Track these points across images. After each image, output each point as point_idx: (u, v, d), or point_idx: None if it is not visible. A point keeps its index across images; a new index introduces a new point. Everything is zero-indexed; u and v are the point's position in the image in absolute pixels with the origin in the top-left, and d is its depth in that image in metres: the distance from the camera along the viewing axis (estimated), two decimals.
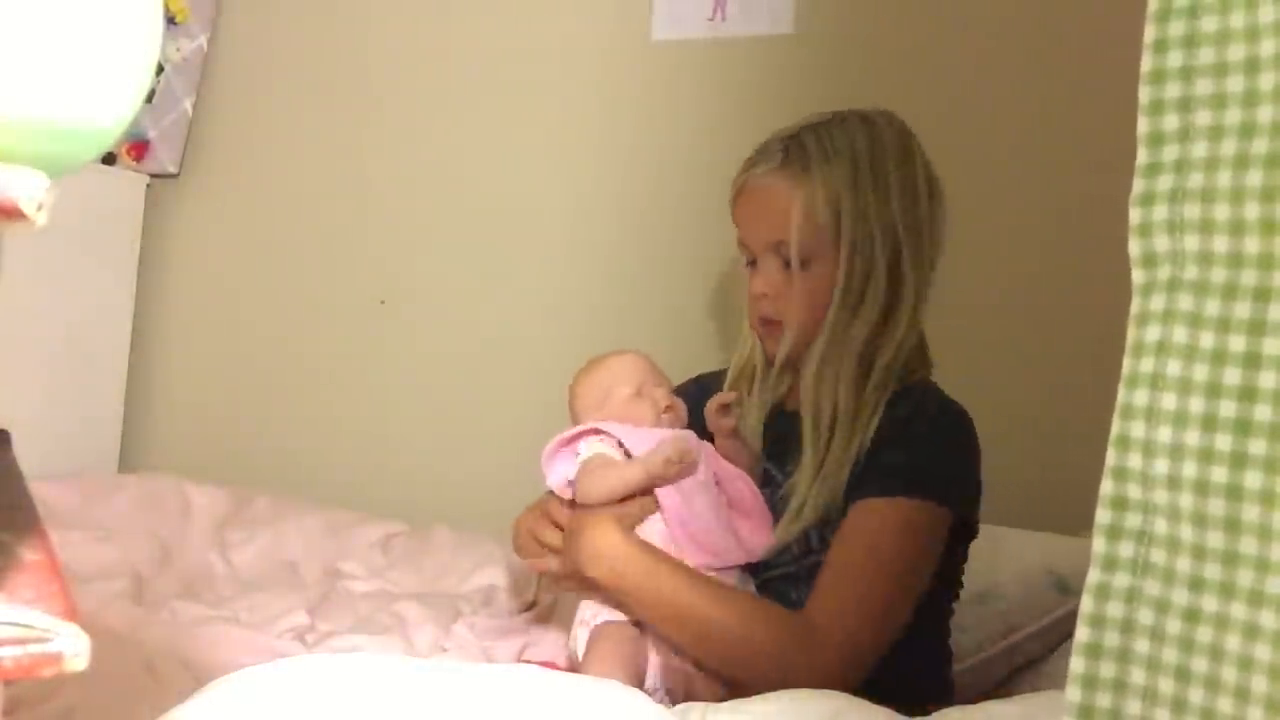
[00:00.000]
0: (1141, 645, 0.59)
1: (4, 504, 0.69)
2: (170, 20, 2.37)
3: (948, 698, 1.16)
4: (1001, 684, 1.28)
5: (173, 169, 2.37)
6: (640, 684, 1.07)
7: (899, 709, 0.92)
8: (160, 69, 2.34)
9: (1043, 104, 1.76)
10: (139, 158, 2.36)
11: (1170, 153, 0.59)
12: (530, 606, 1.65)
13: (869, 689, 0.99)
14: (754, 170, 1.18)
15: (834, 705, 0.89)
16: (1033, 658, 1.30)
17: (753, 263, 1.20)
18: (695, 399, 1.24)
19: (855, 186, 1.14)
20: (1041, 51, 1.77)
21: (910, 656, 1.09)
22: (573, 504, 1.17)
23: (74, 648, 0.46)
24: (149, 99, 2.34)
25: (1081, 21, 1.72)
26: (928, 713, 0.93)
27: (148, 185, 2.38)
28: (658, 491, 1.12)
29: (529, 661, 1.40)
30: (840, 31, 1.90)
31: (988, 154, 1.75)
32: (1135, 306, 0.60)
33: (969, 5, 1.83)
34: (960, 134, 1.64)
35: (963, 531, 1.15)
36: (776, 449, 1.22)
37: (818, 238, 1.14)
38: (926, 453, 1.11)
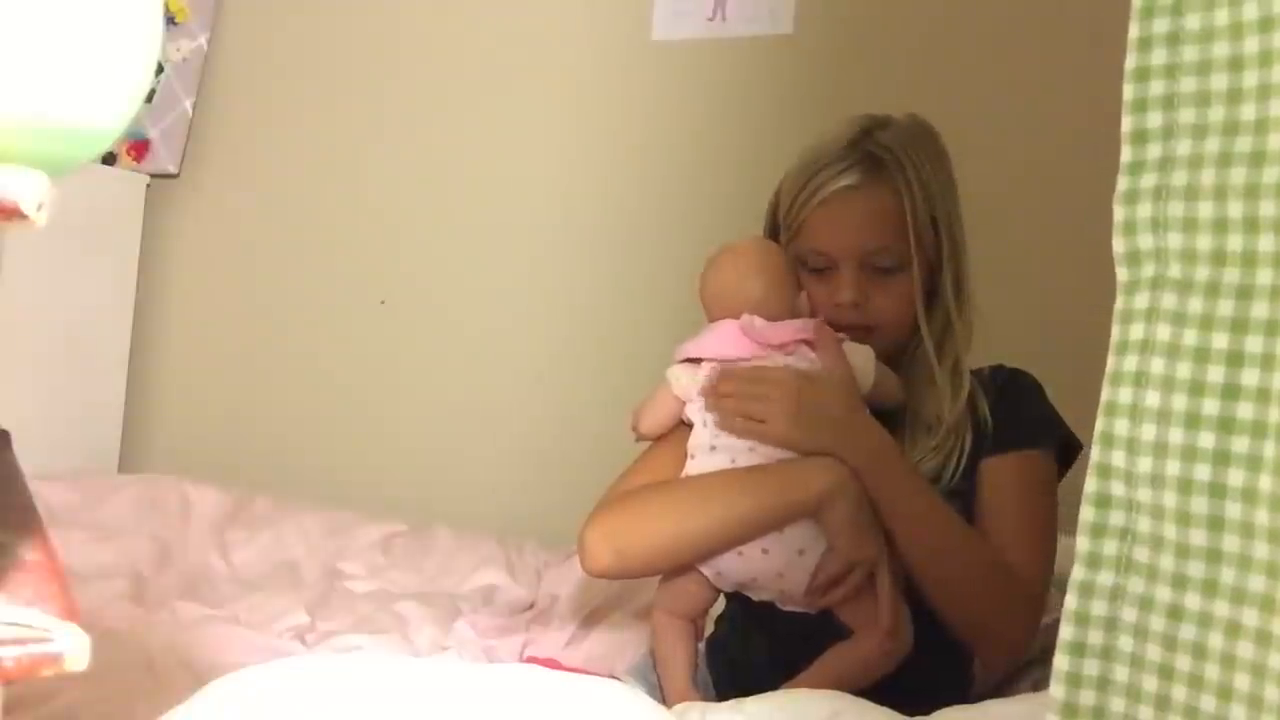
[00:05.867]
0: (1125, 643, 0.59)
1: (4, 504, 0.69)
2: (170, 20, 2.37)
3: (968, 689, 1.18)
4: (1002, 684, 1.28)
5: (173, 169, 2.37)
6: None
7: (915, 700, 0.92)
8: (160, 69, 2.34)
9: (1042, 103, 1.76)
10: (139, 158, 2.36)
11: (1154, 150, 0.59)
12: (532, 606, 1.65)
13: (899, 676, 1.03)
14: (844, 180, 1.14)
15: (833, 706, 0.89)
16: (1032, 657, 1.30)
17: (818, 270, 1.17)
18: None
19: (943, 191, 1.17)
20: (1041, 51, 1.77)
21: (943, 645, 1.10)
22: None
23: (74, 648, 0.46)
24: (149, 99, 2.34)
25: (1081, 20, 1.72)
26: (944, 705, 0.93)
27: (148, 185, 2.38)
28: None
29: (530, 660, 1.40)
30: (840, 31, 1.90)
31: (987, 153, 1.75)
32: (1119, 304, 0.60)
33: (968, 5, 1.83)
34: (959, 133, 1.64)
35: None
36: None
37: (921, 244, 1.14)
38: (1036, 406, 1.18)
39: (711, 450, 1.10)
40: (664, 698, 1.12)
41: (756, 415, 1.07)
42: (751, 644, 1.16)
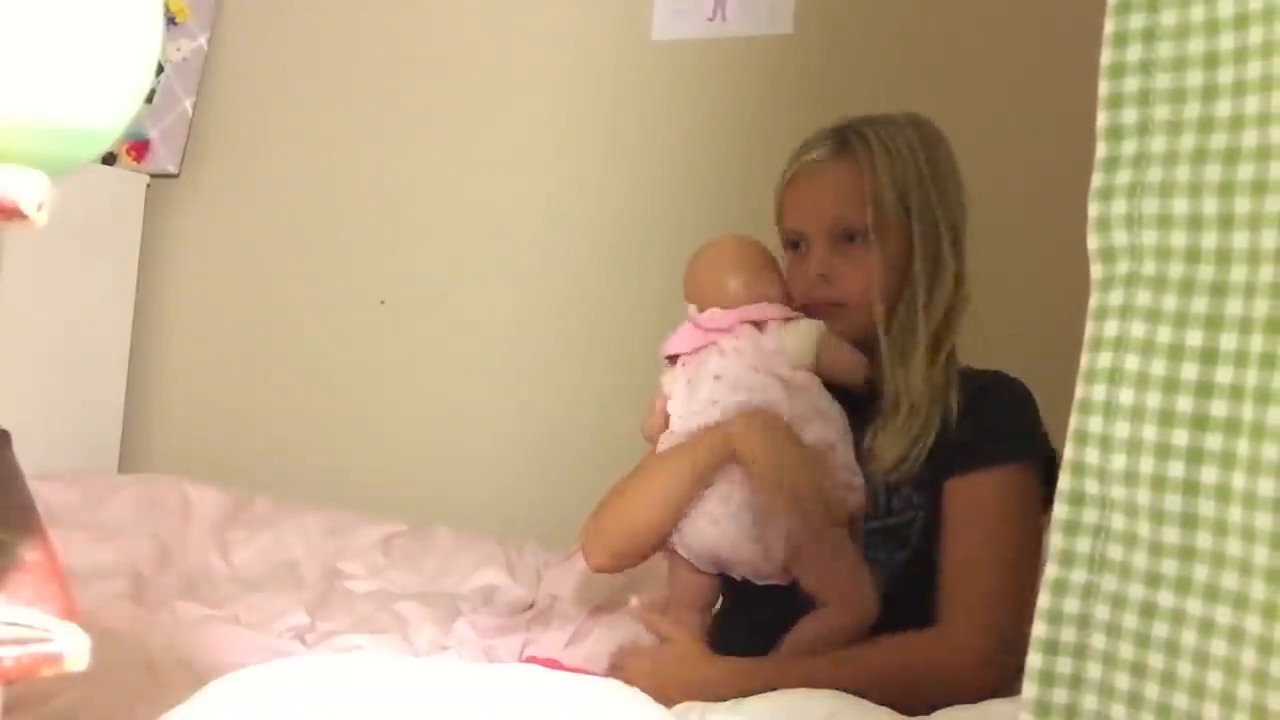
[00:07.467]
0: (1098, 640, 0.59)
1: (4, 504, 0.69)
2: (170, 20, 2.37)
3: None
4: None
5: (173, 169, 2.37)
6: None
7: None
8: (160, 69, 2.34)
9: (1042, 103, 1.76)
10: (139, 158, 2.36)
11: (1129, 147, 0.59)
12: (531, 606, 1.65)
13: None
14: (811, 155, 1.19)
15: (831, 705, 0.89)
16: None
17: (794, 246, 1.21)
18: None
19: (919, 175, 1.17)
20: (1041, 51, 1.77)
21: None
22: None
23: (74, 648, 0.46)
24: (149, 99, 2.34)
25: (1081, 20, 1.72)
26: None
27: (148, 185, 2.38)
28: None
29: (530, 660, 1.40)
30: (840, 31, 1.90)
31: (987, 153, 1.75)
32: (1093, 301, 0.60)
33: (968, 5, 1.83)
34: (959, 134, 1.65)
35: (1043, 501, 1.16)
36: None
37: (883, 217, 1.15)
38: (1010, 417, 1.15)
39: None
40: None
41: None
42: (736, 626, 1.18)
